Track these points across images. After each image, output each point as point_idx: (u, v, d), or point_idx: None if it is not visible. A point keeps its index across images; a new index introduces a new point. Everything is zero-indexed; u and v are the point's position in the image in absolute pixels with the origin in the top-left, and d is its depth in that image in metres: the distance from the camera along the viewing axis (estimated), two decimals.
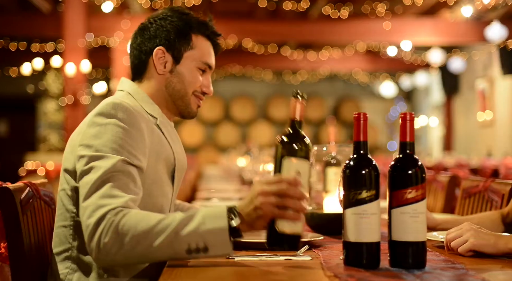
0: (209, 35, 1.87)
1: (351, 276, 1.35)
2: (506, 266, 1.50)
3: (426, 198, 1.50)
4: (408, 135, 1.49)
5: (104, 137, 1.62)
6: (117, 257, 1.45)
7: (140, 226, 1.44)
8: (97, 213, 1.47)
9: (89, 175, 1.55)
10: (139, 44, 1.84)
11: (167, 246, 1.43)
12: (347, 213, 1.46)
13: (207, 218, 1.45)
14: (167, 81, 1.83)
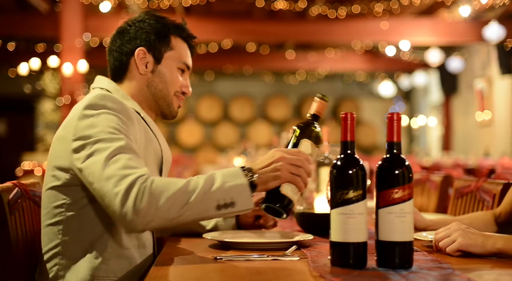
0: (185, 37, 1.93)
1: (336, 276, 1.35)
2: (495, 266, 1.50)
3: (413, 198, 1.50)
4: (395, 135, 1.50)
5: (99, 126, 1.64)
6: (154, 218, 1.51)
7: (171, 188, 1.52)
8: (125, 181, 1.51)
9: (97, 155, 1.58)
10: (119, 46, 1.88)
11: (198, 204, 1.53)
12: (334, 213, 1.46)
13: (227, 177, 1.57)
14: (149, 81, 1.88)
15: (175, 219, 1.53)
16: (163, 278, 1.35)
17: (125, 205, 1.50)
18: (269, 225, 2.02)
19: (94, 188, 1.57)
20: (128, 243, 1.74)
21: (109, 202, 1.52)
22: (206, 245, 1.78)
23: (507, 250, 1.58)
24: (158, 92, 1.89)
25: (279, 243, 1.71)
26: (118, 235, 1.72)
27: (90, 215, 1.70)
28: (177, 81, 1.90)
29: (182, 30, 1.92)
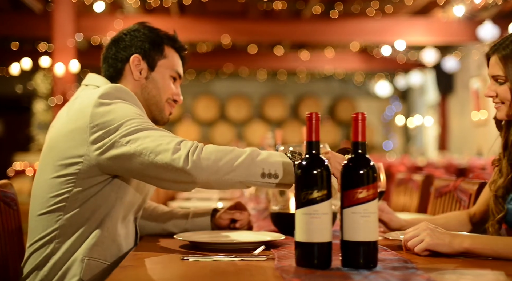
0: (177, 48, 2.03)
1: (298, 276, 1.35)
2: (460, 265, 1.50)
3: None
4: (360, 135, 1.49)
5: (119, 112, 1.71)
6: (211, 171, 1.62)
7: (221, 150, 1.65)
8: (182, 145, 1.63)
9: (137, 132, 1.66)
10: (115, 54, 1.97)
11: (245, 168, 1.63)
12: (298, 213, 1.46)
13: (272, 154, 1.67)
14: (142, 87, 1.96)
15: (227, 175, 1.63)
16: (126, 279, 1.35)
17: (189, 161, 1.60)
18: (244, 228, 2.03)
19: (143, 155, 1.63)
20: (120, 230, 1.82)
21: (169, 160, 1.60)
22: (178, 246, 1.78)
23: (474, 249, 1.59)
24: (151, 98, 1.97)
25: (249, 243, 1.72)
26: (115, 220, 1.79)
27: (94, 202, 1.76)
28: (169, 89, 1.99)
29: (174, 41, 2.02)
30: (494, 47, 1.89)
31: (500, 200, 1.91)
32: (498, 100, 1.87)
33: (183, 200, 3.46)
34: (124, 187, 1.80)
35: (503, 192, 1.90)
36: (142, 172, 1.66)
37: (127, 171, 1.70)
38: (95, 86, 1.88)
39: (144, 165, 1.63)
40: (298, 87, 16.39)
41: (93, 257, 1.75)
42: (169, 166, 1.61)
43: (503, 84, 1.84)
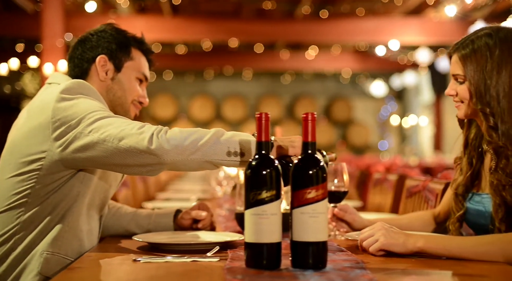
0: (144, 50, 2.03)
1: (240, 277, 1.35)
2: (412, 265, 1.50)
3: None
4: (309, 135, 1.49)
5: (81, 106, 1.72)
6: (177, 150, 1.62)
7: (186, 130, 1.66)
8: (145, 128, 1.64)
9: (100, 120, 1.67)
10: (81, 54, 1.96)
11: (210, 146, 1.65)
12: (247, 213, 1.46)
13: (237, 134, 1.70)
14: (108, 87, 1.96)
15: (192, 154, 1.64)
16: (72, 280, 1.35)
17: (153, 142, 1.61)
18: (207, 229, 2.03)
19: (107, 142, 1.64)
20: (83, 226, 1.82)
21: (134, 143, 1.61)
22: (136, 247, 1.77)
23: (428, 249, 1.59)
24: (116, 99, 1.97)
25: (204, 244, 1.72)
26: (77, 215, 1.79)
27: (55, 198, 1.76)
28: (135, 90, 1.99)
29: (141, 43, 2.02)
30: (455, 46, 1.90)
31: (460, 198, 1.91)
32: (458, 99, 1.87)
33: (161, 201, 3.45)
34: (87, 182, 1.80)
35: (463, 190, 1.91)
36: (107, 160, 1.66)
37: (91, 162, 1.69)
38: (58, 84, 1.88)
39: (108, 152, 1.64)
40: (294, 87, 16.39)
41: (53, 252, 1.75)
42: (134, 149, 1.61)
43: (462, 84, 1.84)
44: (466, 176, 1.90)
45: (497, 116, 1.76)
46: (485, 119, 1.78)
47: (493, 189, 1.75)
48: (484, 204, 1.83)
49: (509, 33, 1.81)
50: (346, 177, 2.06)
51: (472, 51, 1.82)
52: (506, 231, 1.71)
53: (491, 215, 1.78)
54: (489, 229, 1.79)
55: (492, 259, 1.56)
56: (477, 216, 1.86)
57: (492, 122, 1.76)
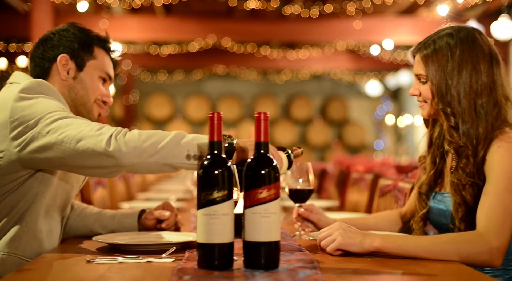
0: (107, 49, 2.02)
1: (187, 278, 1.34)
2: (365, 265, 1.49)
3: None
4: (262, 135, 1.49)
5: (40, 106, 1.71)
6: (136, 153, 1.62)
7: (145, 133, 1.66)
8: (104, 130, 1.63)
9: (53, 124, 1.65)
10: (42, 53, 1.95)
11: (170, 149, 1.63)
12: (199, 214, 1.45)
13: (198, 137, 1.67)
14: (70, 87, 1.95)
15: (151, 157, 1.63)
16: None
17: (111, 144, 1.60)
18: (171, 229, 2.02)
19: (65, 143, 1.63)
20: (42, 226, 1.81)
21: (91, 144, 1.60)
22: (95, 248, 1.77)
23: (384, 248, 1.58)
24: (78, 98, 1.96)
25: (161, 245, 1.71)
26: (36, 215, 1.78)
27: (13, 198, 1.75)
28: (97, 89, 1.98)
29: (105, 43, 2.01)
30: (418, 46, 1.90)
31: (424, 197, 1.91)
32: (421, 99, 1.87)
33: (141, 201, 3.45)
34: (46, 182, 1.79)
35: (426, 189, 1.91)
36: (65, 161, 1.65)
37: (49, 162, 1.69)
38: (18, 83, 1.87)
39: (66, 153, 1.63)
40: (289, 87, 16.38)
41: (10, 252, 1.74)
42: (92, 151, 1.61)
43: (425, 84, 1.84)
44: (429, 175, 1.90)
45: (458, 116, 1.76)
46: (446, 119, 1.78)
47: (454, 188, 1.75)
48: (446, 203, 1.83)
49: (469, 33, 1.81)
50: (311, 176, 2.06)
51: (433, 51, 1.82)
52: (465, 230, 1.71)
53: (452, 214, 1.77)
54: (450, 228, 1.79)
55: (448, 258, 1.56)
56: (439, 215, 1.86)
57: (453, 122, 1.76)
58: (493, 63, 1.78)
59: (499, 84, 1.77)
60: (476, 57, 1.77)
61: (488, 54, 1.79)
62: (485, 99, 1.75)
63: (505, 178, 1.64)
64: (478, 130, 1.73)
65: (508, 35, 8.46)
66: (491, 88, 1.76)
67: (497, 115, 1.75)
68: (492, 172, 1.67)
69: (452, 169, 1.78)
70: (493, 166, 1.67)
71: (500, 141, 1.69)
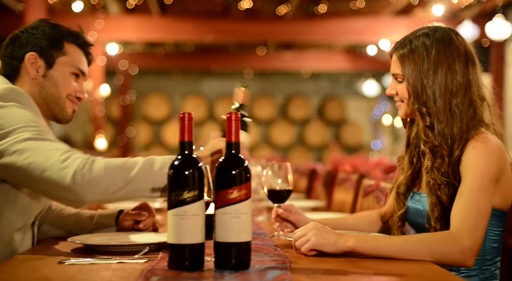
0: (81, 44, 1.98)
1: (155, 279, 1.34)
2: (338, 265, 1.49)
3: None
4: (233, 136, 1.49)
5: (12, 117, 1.69)
6: (101, 188, 1.61)
7: (111, 167, 1.63)
8: (70, 161, 1.60)
9: (22, 144, 1.63)
10: (11, 52, 1.93)
11: (136, 185, 1.63)
12: (169, 214, 1.44)
13: (166, 163, 1.63)
14: (40, 85, 1.93)
15: (115, 193, 1.62)
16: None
17: (75, 180, 1.58)
18: (149, 229, 2.01)
19: (29, 170, 1.61)
20: (17, 236, 1.80)
21: (62, 177, 1.58)
22: (70, 249, 1.75)
23: (358, 248, 1.58)
24: (49, 96, 1.94)
25: (135, 245, 1.70)
26: (6, 225, 1.77)
27: None
28: (69, 86, 1.95)
29: (77, 37, 1.98)
30: (394, 46, 1.90)
31: (402, 197, 1.91)
32: (398, 99, 1.87)
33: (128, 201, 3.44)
34: (15, 192, 1.77)
35: (404, 189, 1.91)
36: (30, 185, 1.67)
37: (15, 181, 1.69)
38: None
39: (31, 179, 1.62)
40: (287, 87, 16.37)
41: None
42: (55, 183, 1.59)
43: (401, 83, 1.84)
44: (407, 175, 1.90)
45: (433, 116, 1.76)
46: (421, 119, 1.78)
47: (429, 188, 1.75)
48: (423, 203, 1.82)
49: (445, 33, 1.81)
50: (290, 176, 2.05)
51: (410, 50, 1.82)
52: (441, 230, 1.71)
53: (428, 214, 1.77)
54: (426, 228, 1.78)
55: (421, 258, 1.55)
56: (416, 215, 1.85)
57: (428, 122, 1.76)
58: (468, 64, 1.78)
59: (475, 84, 1.77)
60: (451, 57, 1.77)
61: (464, 54, 1.78)
62: (460, 99, 1.75)
63: (479, 179, 1.64)
64: (453, 130, 1.73)
65: (502, 35, 8.46)
66: (467, 88, 1.76)
67: (472, 115, 1.74)
68: (467, 172, 1.67)
69: (428, 169, 1.78)
70: (468, 166, 1.67)
71: (475, 141, 1.69)
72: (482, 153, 1.66)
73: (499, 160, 1.67)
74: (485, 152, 1.66)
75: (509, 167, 1.71)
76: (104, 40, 10.64)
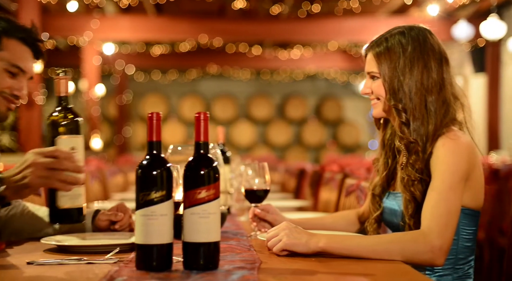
0: (25, 39, 1.87)
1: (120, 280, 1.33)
2: (307, 266, 1.48)
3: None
4: (202, 135, 1.48)
5: None
6: None
7: None
8: None
9: None
10: None
11: None
12: (137, 214, 1.44)
13: None
14: None
15: None
16: None
17: None
18: (125, 230, 2.00)
19: None
20: None
21: None
22: (42, 250, 1.74)
23: (329, 248, 1.57)
24: None
25: (106, 246, 1.69)
26: None
27: None
28: (2, 83, 1.85)
29: (21, 32, 1.87)
30: (369, 45, 1.90)
31: (377, 199, 1.90)
32: (374, 97, 1.86)
33: (115, 201, 3.43)
34: None
35: (379, 191, 1.90)
36: None
37: None
38: None
39: None
40: (284, 86, 16.37)
41: None
42: None
43: (377, 81, 1.84)
44: (382, 176, 1.90)
45: (409, 113, 1.77)
46: (397, 116, 1.78)
47: (403, 184, 1.75)
48: (398, 203, 1.82)
49: (420, 32, 1.83)
50: (267, 176, 2.04)
51: (386, 48, 1.82)
52: (415, 226, 1.70)
53: (403, 212, 1.77)
54: (400, 226, 1.78)
55: (392, 257, 1.55)
56: (391, 215, 1.85)
57: (404, 118, 1.77)
58: (442, 62, 1.80)
59: (448, 83, 1.79)
60: (427, 55, 1.78)
61: (438, 53, 1.80)
62: (435, 96, 1.76)
63: (449, 177, 1.64)
64: (428, 127, 1.74)
65: (497, 35, 8.45)
66: (441, 86, 1.77)
67: (446, 113, 1.76)
68: (436, 170, 1.67)
69: (403, 165, 1.78)
70: (437, 164, 1.68)
71: (445, 139, 1.69)
72: (451, 150, 1.67)
73: (468, 158, 1.67)
74: (455, 149, 1.67)
75: (479, 165, 1.71)
76: (100, 40, 10.65)
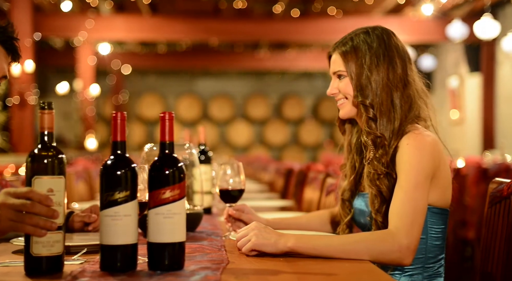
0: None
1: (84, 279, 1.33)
2: (273, 266, 1.47)
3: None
4: (167, 135, 1.47)
5: None
6: None
7: None
8: None
9: None
10: None
11: None
12: (101, 215, 1.43)
13: None
14: None
15: None
16: None
17: None
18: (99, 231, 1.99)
19: None
20: None
21: None
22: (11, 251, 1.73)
23: (297, 248, 1.57)
24: None
25: (75, 247, 1.68)
26: None
27: None
28: None
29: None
30: (334, 46, 1.92)
31: (347, 203, 1.91)
32: (341, 96, 1.87)
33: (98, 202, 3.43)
34: None
35: (349, 195, 1.91)
36: None
37: None
38: None
39: None
40: (281, 86, 16.37)
41: None
42: None
43: (344, 80, 1.84)
44: (350, 180, 1.90)
45: (376, 108, 1.78)
46: (365, 111, 1.79)
47: (370, 179, 1.75)
48: (366, 202, 1.81)
49: (384, 31, 1.86)
50: (242, 176, 2.03)
51: (351, 47, 1.84)
52: (383, 221, 1.70)
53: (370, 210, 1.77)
54: (369, 224, 1.78)
55: (360, 257, 1.54)
56: (360, 215, 1.85)
57: (371, 114, 1.78)
58: (406, 59, 1.83)
59: (413, 79, 1.82)
60: (391, 52, 1.81)
61: (402, 51, 1.84)
62: (400, 92, 1.78)
63: (414, 176, 1.64)
64: (394, 122, 1.76)
65: (491, 35, 8.45)
66: (405, 82, 1.79)
67: (410, 108, 1.78)
68: (402, 169, 1.67)
69: (369, 160, 1.78)
70: (402, 163, 1.68)
71: (409, 138, 1.70)
72: (416, 148, 1.67)
73: (433, 156, 1.67)
74: (419, 148, 1.67)
75: (445, 163, 1.71)
76: (95, 40, 10.64)
